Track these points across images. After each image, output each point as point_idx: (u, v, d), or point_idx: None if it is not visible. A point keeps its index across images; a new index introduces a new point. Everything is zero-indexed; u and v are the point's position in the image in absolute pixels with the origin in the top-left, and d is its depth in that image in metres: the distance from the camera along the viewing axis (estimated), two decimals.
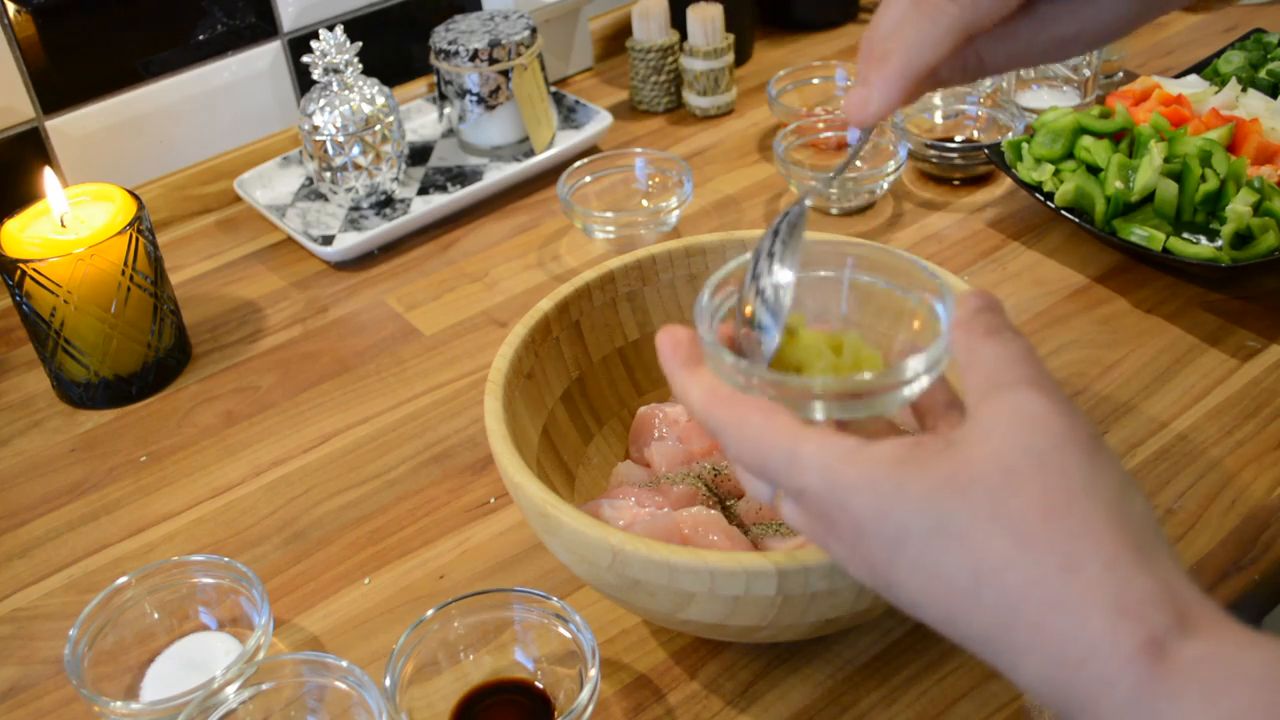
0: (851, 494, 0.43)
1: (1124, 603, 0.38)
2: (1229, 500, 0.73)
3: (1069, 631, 0.38)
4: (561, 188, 1.02)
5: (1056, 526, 0.40)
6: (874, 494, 0.43)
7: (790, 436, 0.45)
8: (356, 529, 0.78)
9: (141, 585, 0.69)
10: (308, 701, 0.63)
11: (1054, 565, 0.39)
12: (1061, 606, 0.38)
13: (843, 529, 0.44)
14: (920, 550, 0.41)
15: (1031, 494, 0.40)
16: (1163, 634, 0.37)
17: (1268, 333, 0.86)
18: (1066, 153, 0.96)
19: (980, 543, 0.40)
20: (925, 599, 0.42)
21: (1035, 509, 0.40)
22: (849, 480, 0.43)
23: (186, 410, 0.90)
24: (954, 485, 0.41)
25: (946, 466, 0.42)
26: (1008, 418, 0.43)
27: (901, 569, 0.42)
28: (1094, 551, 0.39)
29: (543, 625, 0.65)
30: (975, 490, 0.41)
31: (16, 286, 0.85)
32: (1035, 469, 0.41)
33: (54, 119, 1.04)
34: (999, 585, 0.40)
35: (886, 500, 0.42)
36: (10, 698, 0.69)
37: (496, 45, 1.08)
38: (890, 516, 0.42)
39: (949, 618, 0.42)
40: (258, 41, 1.13)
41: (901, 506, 0.42)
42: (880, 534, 0.42)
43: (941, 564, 0.41)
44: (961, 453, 0.42)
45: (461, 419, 0.86)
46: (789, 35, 1.35)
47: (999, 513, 0.40)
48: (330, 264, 1.04)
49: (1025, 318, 0.90)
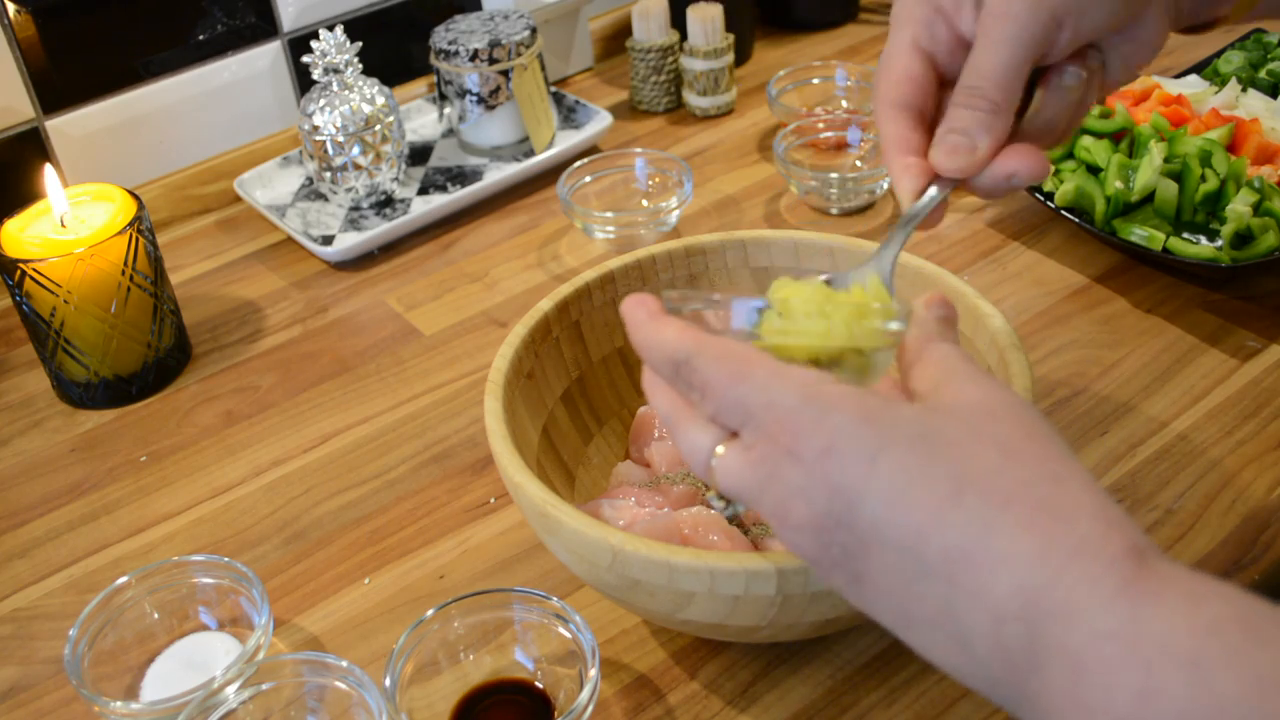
0: (835, 408, 0.43)
1: (1109, 514, 0.40)
2: (1229, 500, 0.73)
3: (1058, 530, 0.39)
4: (561, 188, 1.02)
5: (1036, 448, 0.42)
6: (859, 406, 0.43)
7: (774, 364, 0.45)
8: (356, 529, 0.78)
9: (141, 585, 0.69)
10: (308, 701, 0.63)
11: (1041, 474, 0.41)
12: (1051, 507, 0.40)
13: (810, 444, 0.42)
14: (903, 454, 0.41)
15: (1011, 425, 0.43)
16: (1144, 546, 0.39)
17: (1268, 333, 0.86)
18: (1066, 153, 0.96)
19: (968, 450, 0.41)
20: (894, 510, 0.41)
21: (1017, 434, 0.42)
22: (835, 398, 0.43)
23: (186, 410, 0.90)
24: (940, 410, 0.43)
25: (928, 405, 0.44)
26: (973, 389, 0.45)
27: (876, 477, 0.41)
28: (1073, 473, 0.41)
29: (543, 625, 0.65)
30: (961, 416, 0.43)
31: (16, 286, 0.85)
32: (1009, 412, 0.43)
33: (54, 119, 1.04)
34: (985, 487, 0.40)
35: (874, 413, 0.42)
36: (10, 698, 0.69)
37: (496, 45, 1.08)
38: (876, 424, 0.42)
39: (916, 528, 0.40)
40: (258, 41, 1.13)
41: (890, 418, 0.42)
42: (862, 441, 0.42)
43: (924, 467, 0.41)
44: (940, 403, 0.44)
45: (461, 419, 0.86)
46: (789, 35, 1.35)
47: (984, 432, 0.42)
48: (330, 264, 1.04)
49: (1025, 318, 0.90)
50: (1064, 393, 0.83)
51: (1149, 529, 0.72)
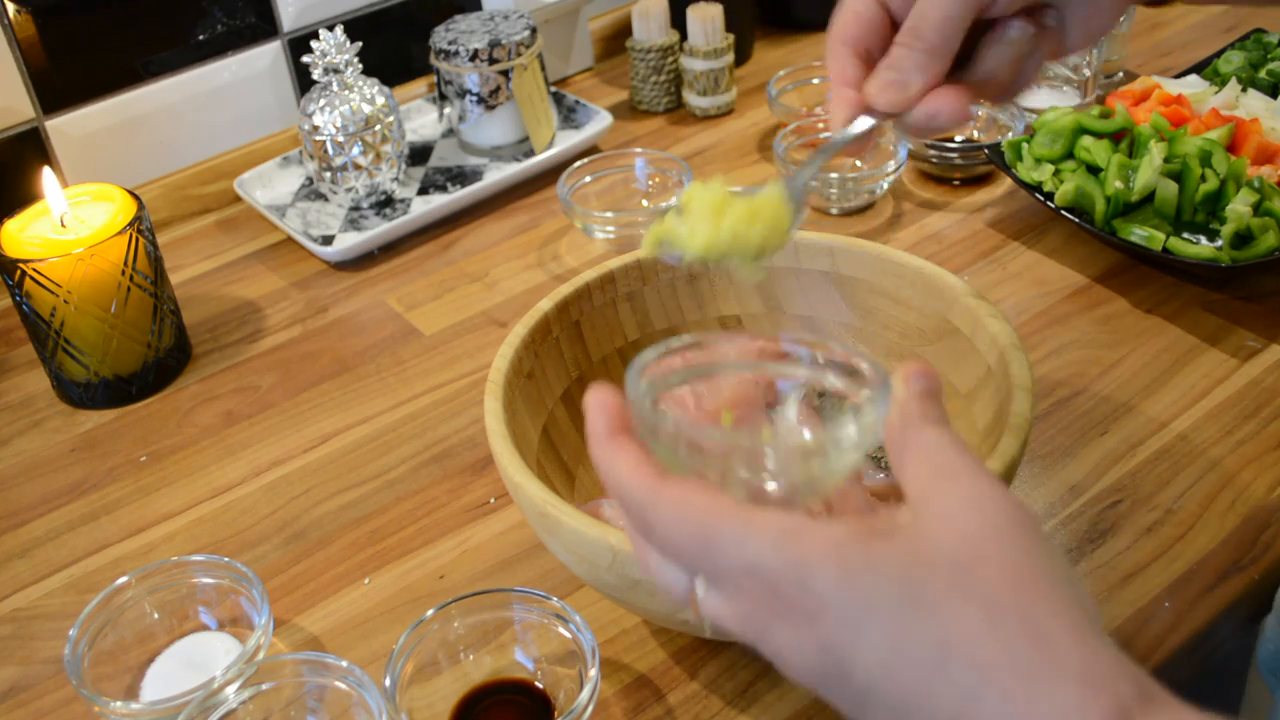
0: (816, 568, 0.41)
1: (1093, 673, 0.39)
2: (1229, 500, 0.73)
3: (1040, 701, 0.38)
4: (561, 188, 1.02)
5: (1023, 598, 0.40)
6: (841, 568, 0.41)
7: (739, 513, 0.42)
8: (356, 529, 0.78)
9: (141, 585, 0.69)
10: (308, 701, 0.63)
11: (1024, 635, 0.39)
12: (1032, 677, 0.38)
13: (797, 609, 0.42)
14: (887, 624, 0.40)
15: (998, 568, 0.41)
16: (1130, 703, 0.38)
17: (1268, 333, 0.86)
18: (1066, 153, 0.96)
19: (951, 614, 0.40)
20: (885, 678, 0.41)
21: (1003, 583, 0.40)
22: (813, 554, 0.41)
23: (186, 410, 0.90)
24: (923, 560, 0.41)
25: (912, 543, 0.42)
26: (963, 500, 0.43)
27: (864, 647, 0.41)
28: (1060, 624, 0.40)
29: (543, 625, 0.65)
30: (944, 565, 0.41)
31: (16, 286, 0.85)
32: (997, 546, 0.41)
33: (54, 119, 1.04)
34: (968, 657, 0.39)
35: (855, 574, 0.41)
36: (10, 698, 0.69)
37: (496, 45, 1.08)
38: (858, 589, 0.41)
39: (907, 696, 0.40)
40: (258, 41, 1.13)
41: (871, 579, 0.41)
42: (846, 609, 0.41)
43: (909, 638, 0.40)
44: (926, 531, 0.42)
45: (461, 419, 0.86)
46: (789, 35, 1.36)
47: (968, 586, 0.40)
48: (330, 264, 1.04)
49: (1025, 318, 0.90)
50: (1064, 393, 0.83)
51: (1149, 529, 0.72)
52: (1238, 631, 0.70)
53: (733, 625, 0.44)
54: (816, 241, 0.75)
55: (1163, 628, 0.67)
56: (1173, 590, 0.68)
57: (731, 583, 0.43)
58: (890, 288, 0.74)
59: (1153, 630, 0.66)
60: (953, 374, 0.71)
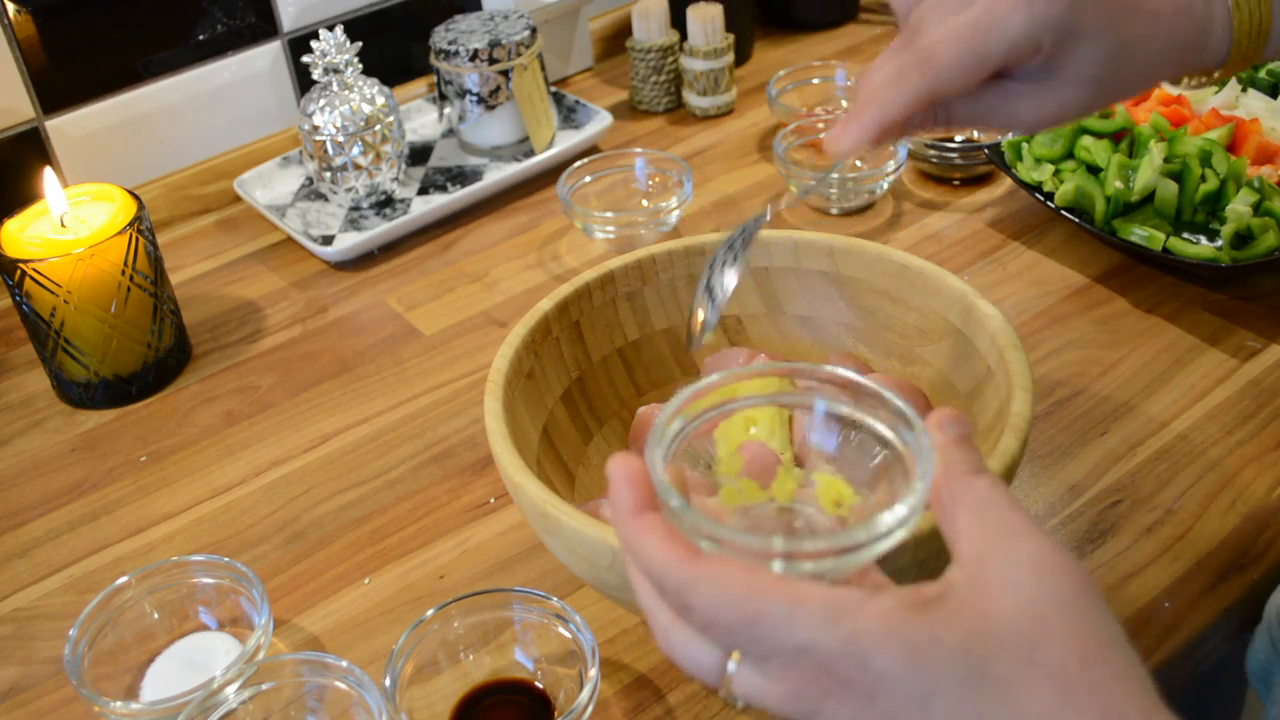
0: (875, 645, 0.40)
1: None
2: (1229, 500, 0.73)
3: None
4: (561, 188, 1.02)
5: (1093, 676, 0.39)
6: (903, 644, 0.39)
7: (784, 589, 0.41)
8: (356, 529, 0.78)
9: (141, 585, 0.69)
10: (308, 701, 0.63)
11: (1096, 713, 0.39)
12: None
13: (854, 688, 0.40)
14: (955, 701, 0.39)
15: (1064, 642, 0.40)
16: None
17: (1268, 333, 0.86)
18: (1066, 153, 0.96)
19: (1024, 691, 0.39)
20: None
21: (1072, 658, 0.40)
22: (869, 631, 0.40)
23: (186, 410, 0.90)
24: (990, 634, 0.40)
25: (975, 616, 0.40)
26: (1024, 564, 0.42)
27: None
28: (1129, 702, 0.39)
29: (543, 625, 0.65)
30: (1010, 639, 0.40)
31: (16, 286, 0.85)
32: (1064, 617, 0.40)
33: (54, 119, 1.04)
34: None
35: (918, 651, 0.39)
36: (10, 698, 0.69)
37: (496, 45, 1.08)
38: (923, 668, 0.39)
39: None
40: (258, 41, 1.13)
41: (935, 655, 0.39)
42: (910, 687, 0.39)
43: (980, 714, 0.39)
44: (990, 602, 0.41)
45: (461, 419, 0.86)
46: (789, 35, 1.35)
47: (1038, 661, 0.39)
48: (330, 264, 1.04)
49: (1025, 318, 0.90)
50: (1064, 393, 0.83)
51: (1149, 529, 0.72)
52: (1232, 637, 0.70)
53: (777, 704, 0.42)
54: (816, 241, 0.75)
55: (1163, 628, 0.67)
56: (1173, 590, 0.68)
57: (779, 661, 0.41)
58: (890, 288, 0.74)
59: (1153, 630, 0.66)
60: (953, 374, 0.71)
